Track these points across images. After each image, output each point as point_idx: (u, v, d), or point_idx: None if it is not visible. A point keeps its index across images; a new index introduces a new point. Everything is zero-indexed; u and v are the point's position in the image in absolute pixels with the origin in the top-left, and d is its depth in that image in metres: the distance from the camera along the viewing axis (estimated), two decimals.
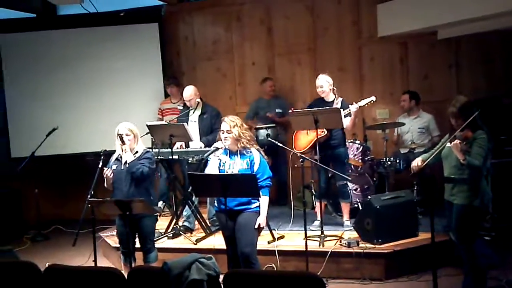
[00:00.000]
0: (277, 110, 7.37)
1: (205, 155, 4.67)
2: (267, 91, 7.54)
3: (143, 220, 4.74)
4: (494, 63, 6.96)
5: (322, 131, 5.67)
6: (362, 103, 5.72)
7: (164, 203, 7.31)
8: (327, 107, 5.62)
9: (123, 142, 4.75)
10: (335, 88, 5.87)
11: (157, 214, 5.19)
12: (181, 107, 6.64)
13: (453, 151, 4.17)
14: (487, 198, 4.30)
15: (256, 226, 4.40)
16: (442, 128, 6.28)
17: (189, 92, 6.28)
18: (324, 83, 5.82)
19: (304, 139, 5.95)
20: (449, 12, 5.97)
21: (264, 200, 4.43)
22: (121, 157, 4.83)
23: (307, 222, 5.12)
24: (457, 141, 4.13)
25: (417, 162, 4.45)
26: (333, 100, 5.83)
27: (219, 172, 4.46)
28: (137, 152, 4.83)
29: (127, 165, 4.75)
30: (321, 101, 5.86)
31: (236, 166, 4.44)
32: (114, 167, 4.79)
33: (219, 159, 4.53)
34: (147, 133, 5.89)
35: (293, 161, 7.08)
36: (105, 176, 4.72)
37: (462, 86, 7.05)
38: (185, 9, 8.28)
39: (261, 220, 4.42)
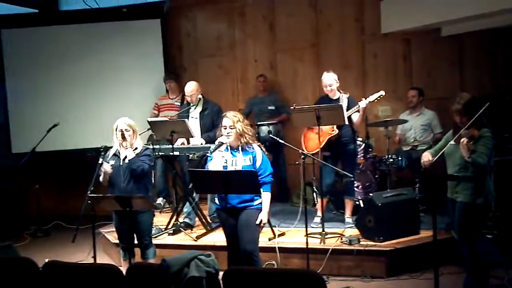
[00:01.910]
0: (269, 107, 7.35)
1: (210, 150, 4.57)
2: (258, 87, 7.60)
3: (139, 215, 4.71)
4: (498, 60, 6.91)
5: (333, 130, 5.64)
6: (371, 98, 5.64)
7: (164, 200, 7.29)
8: (329, 104, 5.59)
9: (124, 138, 4.72)
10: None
11: (154, 210, 5.15)
12: (178, 103, 6.58)
13: (460, 149, 4.13)
14: (491, 196, 4.26)
15: (258, 222, 4.36)
16: (445, 125, 6.23)
17: (191, 87, 6.24)
18: (333, 82, 5.76)
19: (315, 139, 5.80)
20: (453, 9, 5.93)
21: (266, 196, 4.39)
22: (119, 152, 4.80)
23: (308, 219, 5.08)
24: (464, 140, 4.09)
25: (427, 157, 4.40)
26: (339, 98, 5.79)
27: (223, 168, 4.40)
28: (136, 148, 4.80)
29: (127, 161, 4.72)
30: (327, 99, 5.81)
31: (239, 162, 4.39)
32: (112, 162, 4.76)
33: (222, 156, 4.47)
34: (148, 129, 5.86)
35: (294, 159, 7.07)
36: (103, 171, 4.69)
37: (466, 83, 7.02)
38: (187, 5, 8.23)
39: (263, 216, 4.38)
